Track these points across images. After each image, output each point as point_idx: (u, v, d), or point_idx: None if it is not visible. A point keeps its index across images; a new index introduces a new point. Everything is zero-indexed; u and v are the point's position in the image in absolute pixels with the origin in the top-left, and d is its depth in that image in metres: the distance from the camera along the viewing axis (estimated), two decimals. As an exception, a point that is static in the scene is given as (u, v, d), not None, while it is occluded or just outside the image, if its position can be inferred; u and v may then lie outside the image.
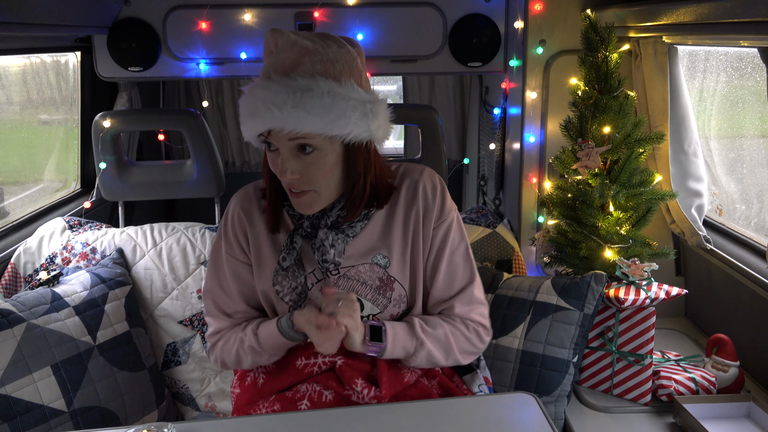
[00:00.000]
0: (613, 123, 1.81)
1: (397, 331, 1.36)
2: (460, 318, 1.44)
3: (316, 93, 1.24)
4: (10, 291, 1.97)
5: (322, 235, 1.37)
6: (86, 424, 1.62)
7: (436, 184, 1.44)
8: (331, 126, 1.25)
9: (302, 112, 1.23)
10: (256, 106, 1.25)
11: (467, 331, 1.43)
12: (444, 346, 1.40)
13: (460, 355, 1.43)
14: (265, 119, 1.25)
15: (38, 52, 2.30)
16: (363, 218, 1.41)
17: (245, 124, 1.30)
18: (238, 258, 1.47)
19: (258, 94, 1.26)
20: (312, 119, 1.24)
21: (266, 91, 1.25)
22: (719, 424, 1.54)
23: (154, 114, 2.73)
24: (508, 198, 2.50)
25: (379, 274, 1.42)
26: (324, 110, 1.24)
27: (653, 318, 1.70)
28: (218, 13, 2.31)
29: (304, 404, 1.39)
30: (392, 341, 1.35)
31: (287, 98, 1.23)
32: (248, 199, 1.48)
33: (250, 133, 1.31)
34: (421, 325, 1.39)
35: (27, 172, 2.54)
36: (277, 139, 1.27)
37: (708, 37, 1.67)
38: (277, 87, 1.24)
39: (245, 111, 1.29)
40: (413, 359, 1.39)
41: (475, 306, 1.46)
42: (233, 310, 1.48)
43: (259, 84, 1.27)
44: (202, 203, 2.64)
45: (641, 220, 1.83)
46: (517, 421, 1.30)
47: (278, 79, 1.25)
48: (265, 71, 1.29)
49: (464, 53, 2.36)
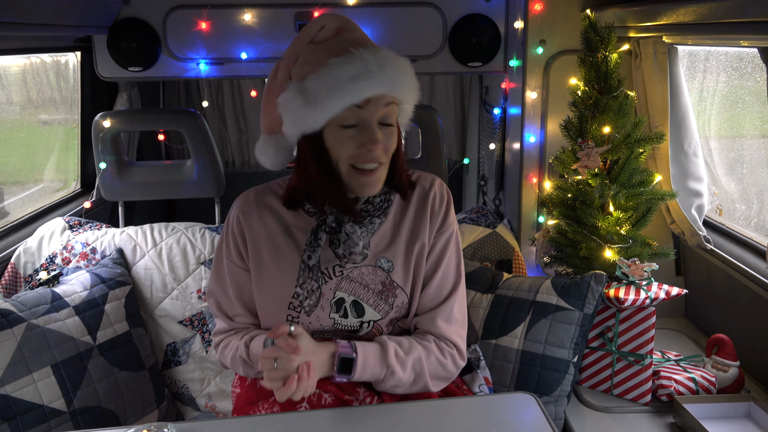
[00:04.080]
0: (612, 123, 1.81)
1: (368, 358, 1.32)
2: (435, 337, 1.41)
3: (401, 62, 1.30)
4: (10, 291, 1.97)
5: (349, 228, 1.37)
6: (86, 424, 1.62)
7: (444, 195, 1.48)
8: (414, 95, 1.35)
9: (405, 80, 1.30)
10: (366, 69, 1.24)
11: (441, 356, 1.40)
12: (416, 372, 1.36)
13: (431, 381, 1.39)
14: (378, 81, 1.25)
15: (38, 52, 2.30)
16: (381, 214, 1.42)
17: (339, 93, 1.24)
18: (237, 264, 1.47)
19: (366, 57, 1.25)
20: (408, 86, 1.32)
21: (373, 56, 1.26)
22: (719, 424, 1.54)
23: (154, 114, 2.72)
24: (508, 198, 2.50)
25: (381, 278, 1.41)
26: (412, 79, 1.33)
27: (653, 318, 1.70)
28: (218, 13, 2.31)
29: (303, 406, 1.39)
30: (361, 371, 1.31)
31: (396, 63, 1.28)
32: (248, 205, 1.47)
33: (350, 98, 1.25)
34: (395, 350, 1.34)
35: (27, 172, 2.54)
36: (376, 106, 1.28)
37: (708, 37, 1.67)
38: (384, 53, 1.28)
39: (344, 76, 1.24)
40: (381, 385, 1.36)
41: (453, 325, 1.43)
42: (233, 313, 1.49)
43: (358, 51, 1.26)
44: (202, 203, 2.64)
45: (641, 220, 1.83)
46: (517, 421, 1.30)
47: (364, 50, 1.26)
48: (355, 42, 1.29)
49: (464, 53, 2.36)
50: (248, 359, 1.41)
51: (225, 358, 1.48)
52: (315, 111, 1.27)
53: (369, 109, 1.28)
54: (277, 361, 1.20)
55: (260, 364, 1.22)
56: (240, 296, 1.47)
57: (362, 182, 1.33)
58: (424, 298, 1.44)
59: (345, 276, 1.41)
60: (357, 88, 1.25)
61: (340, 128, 1.29)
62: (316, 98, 1.26)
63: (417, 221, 1.44)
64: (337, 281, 1.41)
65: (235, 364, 1.46)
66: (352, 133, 1.29)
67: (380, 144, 1.29)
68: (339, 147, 1.30)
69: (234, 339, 1.46)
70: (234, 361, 1.45)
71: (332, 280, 1.41)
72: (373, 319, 1.41)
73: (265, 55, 2.33)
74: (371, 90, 1.26)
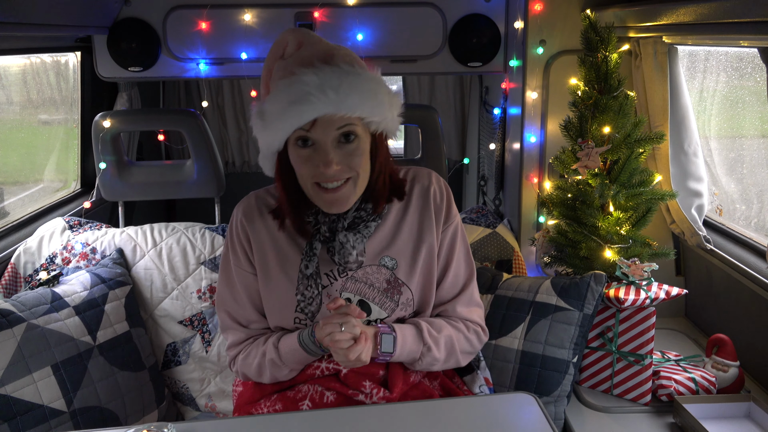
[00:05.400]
0: (613, 123, 1.81)
1: (406, 336, 1.37)
2: (460, 319, 1.48)
3: (363, 78, 1.26)
4: (10, 291, 1.97)
5: (342, 237, 1.37)
6: (86, 424, 1.62)
7: (443, 188, 1.48)
8: (375, 111, 1.28)
9: (356, 96, 1.25)
10: (305, 92, 1.22)
11: (468, 333, 1.47)
12: (448, 349, 1.43)
13: (461, 356, 1.47)
14: (321, 103, 1.22)
15: (38, 52, 2.30)
16: (377, 218, 1.41)
17: (284, 117, 1.25)
18: (246, 269, 1.46)
19: (306, 80, 1.22)
20: (364, 103, 1.26)
21: (316, 76, 1.22)
22: (719, 424, 1.54)
23: (154, 114, 2.72)
24: (508, 198, 2.50)
25: (386, 276, 1.42)
26: (371, 95, 1.27)
27: (653, 318, 1.70)
28: (218, 13, 2.31)
29: (305, 404, 1.39)
30: (401, 348, 1.36)
31: (341, 81, 1.23)
32: (251, 210, 1.46)
33: (292, 123, 1.25)
34: (428, 330, 1.40)
35: (27, 172, 2.54)
36: (325, 128, 1.26)
37: (708, 37, 1.67)
38: (329, 71, 1.23)
39: (286, 100, 1.24)
40: (418, 363, 1.41)
41: (473, 308, 1.50)
42: (247, 320, 1.48)
43: (302, 72, 1.24)
44: (202, 203, 2.64)
45: (641, 220, 1.83)
46: (517, 421, 1.30)
47: (323, 66, 1.24)
48: (304, 61, 1.26)
49: (464, 53, 2.36)
50: (279, 360, 1.40)
51: (248, 367, 1.45)
52: (269, 133, 1.29)
53: (317, 130, 1.26)
54: (344, 325, 1.26)
55: (324, 329, 1.27)
56: (253, 301, 1.47)
57: (326, 199, 1.32)
58: (441, 291, 1.48)
59: (350, 277, 1.41)
60: (298, 111, 1.24)
61: (298, 148, 1.30)
62: (268, 120, 1.28)
63: (422, 219, 1.45)
64: (342, 282, 1.41)
65: (262, 371, 1.43)
66: (308, 153, 1.29)
67: (333, 165, 1.26)
68: (299, 166, 1.31)
69: (254, 347, 1.44)
70: (260, 368, 1.43)
71: (338, 281, 1.41)
72: (379, 318, 1.42)
73: (265, 55, 2.32)
74: (312, 113, 1.24)
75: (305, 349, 1.36)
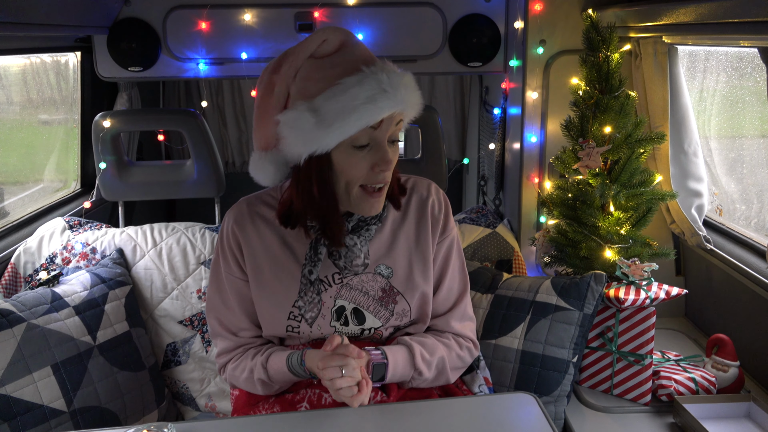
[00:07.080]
0: (614, 123, 1.81)
1: (397, 362, 1.36)
2: (452, 335, 1.48)
3: (407, 79, 1.29)
4: (10, 291, 1.97)
5: (349, 241, 1.36)
6: (86, 424, 1.62)
7: (442, 201, 1.48)
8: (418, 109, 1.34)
9: (410, 94, 1.28)
10: (380, 90, 1.22)
11: (460, 350, 1.47)
12: (439, 369, 1.42)
13: (451, 373, 1.46)
14: (391, 101, 1.23)
15: (38, 52, 2.30)
16: (377, 221, 1.41)
17: (355, 114, 1.21)
18: (237, 276, 1.44)
19: (368, 82, 1.22)
20: (415, 102, 1.31)
21: (376, 80, 1.22)
22: (719, 424, 1.54)
23: (154, 114, 2.72)
24: (508, 198, 2.50)
25: (381, 284, 1.41)
26: (417, 94, 1.32)
27: (653, 318, 1.70)
28: (218, 13, 2.31)
29: (303, 406, 1.39)
30: (391, 376, 1.35)
31: (400, 81, 1.25)
32: (242, 216, 1.43)
33: (366, 120, 1.22)
34: (421, 353, 1.39)
35: (27, 172, 2.54)
36: (387, 126, 1.27)
37: (708, 37, 1.67)
38: (385, 72, 1.24)
39: (353, 100, 1.21)
40: (407, 384, 1.42)
41: (467, 322, 1.50)
42: (237, 327, 1.46)
43: (357, 76, 1.22)
44: (202, 203, 2.64)
45: (641, 220, 1.83)
46: (517, 421, 1.30)
47: (375, 68, 1.24)
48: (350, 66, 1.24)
49: (464, 53, 2.36)
50: (267, 380, 1.39)
51: (236, 379, 1.45)
52: (328, 132, 1.22)
53: (382, 129, 1.26)
54: (345, 368, 1.23)
55: (325, 373, 1.24)
56: (244, 308, 1.45)
57: (371, 202, 1.32)
58: (435, 303, 1.47)
59: (345, 284, 1.40)
60: (373, 109, 1.22)
61: (353, 149, 1.27)
62: (330, 119, 1.21)
63: (419, 230, 1.44)
64: (337, 289, 1.40)
65: (251, 385, 1.43)
66: (364, 154, 1.27)
67: (392, 163, 1.29)
68: (351, 168, 1.28)
69: (244, 360, 1.43)
70: (249, 382, 1.42)
71: (332, 288, 1.40)
72: (373, 326, 1.41)
73: (265, 55, 2.33)
74: (387, 110, 1.23)
75: (293, 374, 1.36)
